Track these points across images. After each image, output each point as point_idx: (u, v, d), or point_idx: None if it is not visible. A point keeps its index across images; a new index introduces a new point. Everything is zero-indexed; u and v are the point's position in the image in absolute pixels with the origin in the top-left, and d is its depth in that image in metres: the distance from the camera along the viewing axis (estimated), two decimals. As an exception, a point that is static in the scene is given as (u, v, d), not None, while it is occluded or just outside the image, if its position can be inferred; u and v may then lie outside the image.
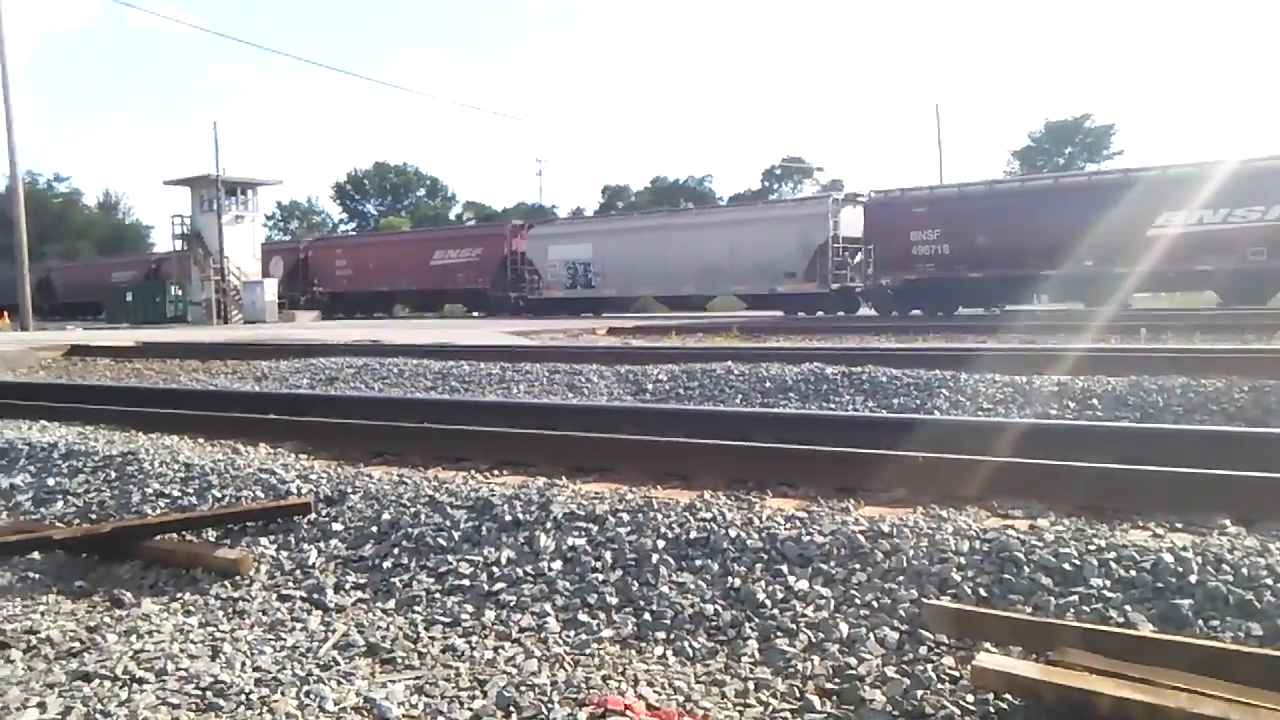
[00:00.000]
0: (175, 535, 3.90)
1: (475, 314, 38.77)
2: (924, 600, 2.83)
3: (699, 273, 31.57)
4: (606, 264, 32.96)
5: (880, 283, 27.22)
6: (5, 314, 32.51)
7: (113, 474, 4.90)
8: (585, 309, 33.87)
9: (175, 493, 4.53)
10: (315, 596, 3.33)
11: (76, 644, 2.96)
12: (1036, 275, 24.05)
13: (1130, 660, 2.28)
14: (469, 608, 3.13)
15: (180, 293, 36.59)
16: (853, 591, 2.96)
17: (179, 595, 3.44)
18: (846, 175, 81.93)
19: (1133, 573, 2.85)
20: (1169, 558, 2.87)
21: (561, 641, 2.88)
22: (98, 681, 2.66)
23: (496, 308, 36.67)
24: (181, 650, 2.88)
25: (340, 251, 44.84)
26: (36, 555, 3.86)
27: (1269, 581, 2.70)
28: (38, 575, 3.73)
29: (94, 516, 4.40)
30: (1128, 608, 2.69)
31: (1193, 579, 2.76)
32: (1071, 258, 22.74)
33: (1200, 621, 2.60)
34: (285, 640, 2.96)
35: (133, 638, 3.00)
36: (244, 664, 2.77)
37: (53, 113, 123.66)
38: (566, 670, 2.68)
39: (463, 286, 38.58)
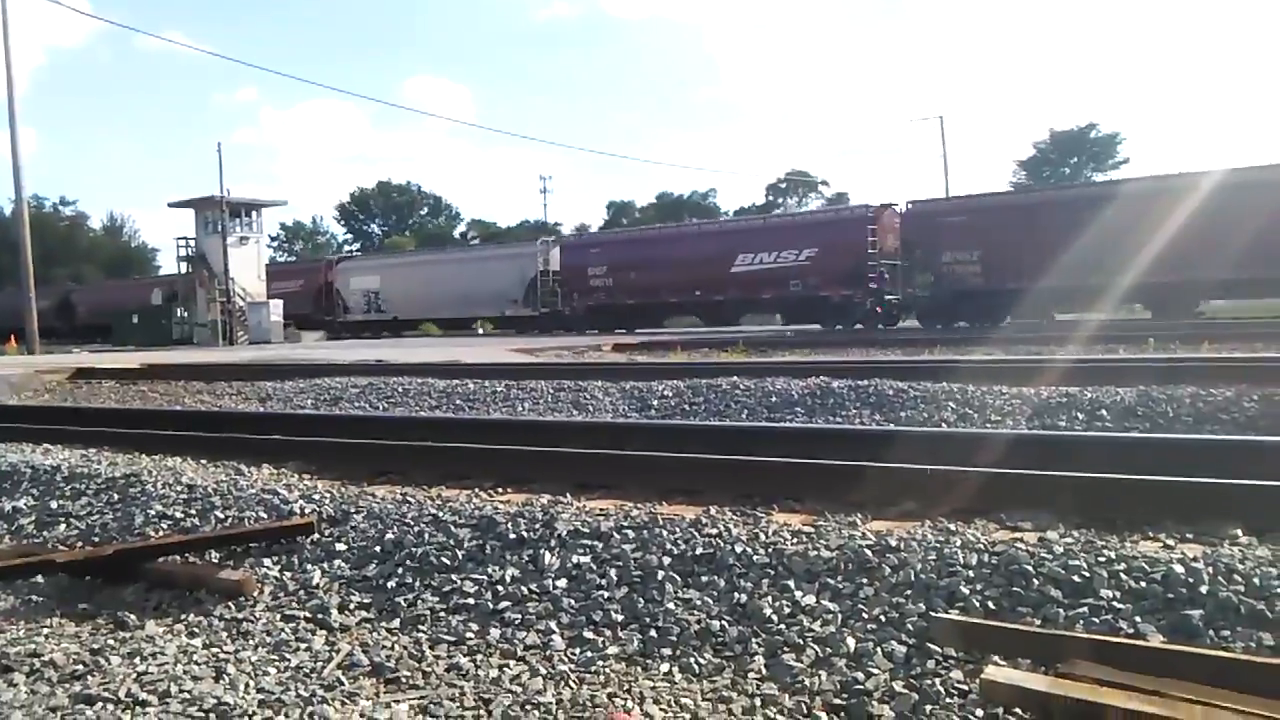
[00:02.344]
0: (178, 557, 3.89)
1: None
2: (932, 614, 2.80)
3: (455, 300, 37.95)
4: (392, 293, 38.02)
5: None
6: (14, 338, 32.59)
7: (115, 496, 4.90)
8: (378, 330, 40.47)
9: (178, 514, 4.52)
10: (319, 617, 3.31)
11: (80, 667, 2.94)
12: None
13: (1141, 672, 2.25)
14: (474, 626, 3.11)
15: (186, 314, 36.67)
16: (860, 606, 2.93)
17: (182, 617, 3.42)
18: (851, 188, 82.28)
19: (1143, 584, 2.82)
20: (1179, 568, 2.84)
21: (567, 659, 2.85)
22: (101, 704, 2.64)
23: (316, 329, 41.35)
24: (185, 672, 2.86)
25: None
26: (39, 579, 3.85)
27: (1281, 591, 2.67)
28: (41, 598, 3.72)
29: (97, 539, 4.39)
30: (1138, 619, 2.66)
31: (1204, 589, 2.73)
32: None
33: (1211, 632, 2.57)
34: (289, 661, 2.94)
35: (136, 660, 2.98)
36: (248, 685, 2.75)
37: (56, 134, 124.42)
38: (572, 688, 2.65)
39: (292, 311, 41.36)
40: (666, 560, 3.36)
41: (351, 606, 3.39)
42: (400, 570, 3.61)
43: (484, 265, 38.78)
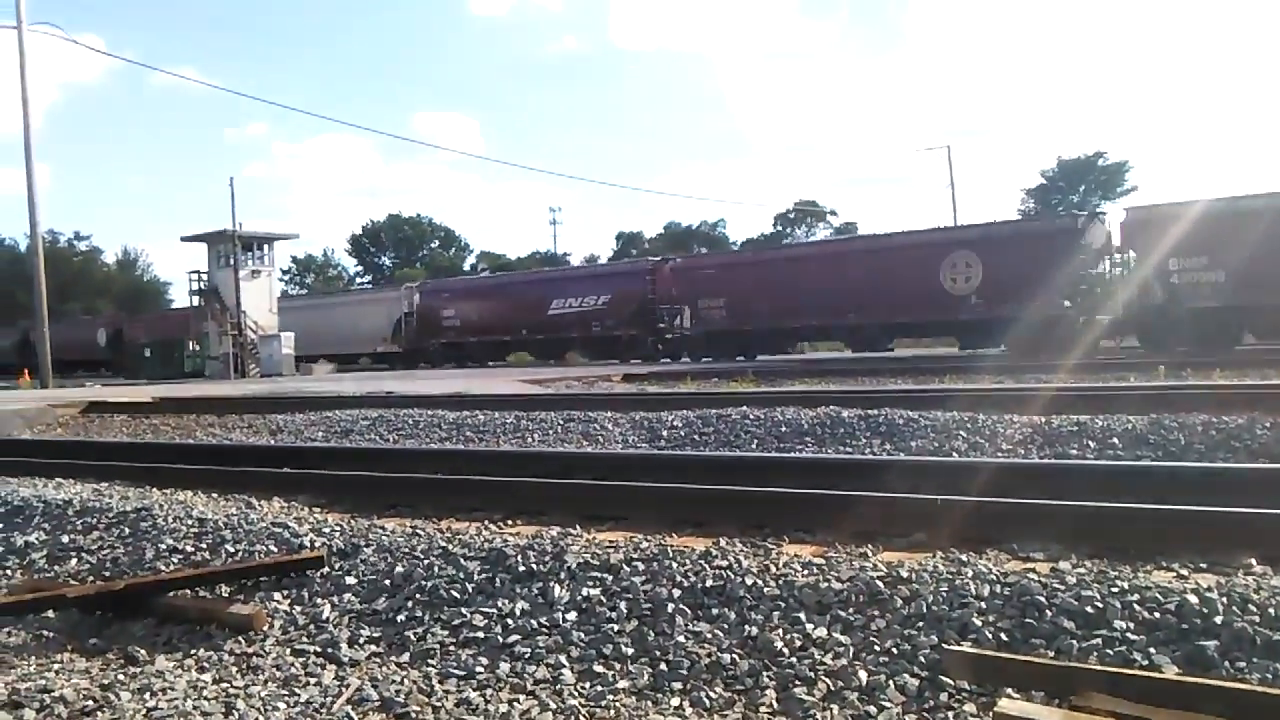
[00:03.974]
0: (189, 591, 3.89)
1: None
2: (944, 646, 2.78)
3: (343, 338, 41.42)
4: (296, 331, 38.62)
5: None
6: (26, 372, 32.74)
7: (126, 530, 4.90)
8: None
9: (189, 548, 4.53)
10: (329, 651, 3.30)
11: (90, 702, 2.93)
12: None
13: (1155, 705, 2.23)
14: (483, 660, 3.10)
15: (198, 347, 36.83)
16: (872, 638, 2.91)
17: (193, 652, 3.41)
18: (860, 217, 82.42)
19: (1157, 614, 2.80)
20: (1193, 599, 2.82)
21: (577, 693, 2.84)
22: (110, 741, 2.64)
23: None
24: (195, 707, 2.85)
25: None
26: (50, 613, 3.85)
27: (1296, 622, 2.65)
28: (51, 634, 3.72)
29: (108, 573, 4.39)
30: (1152, 650, 2.64)
31: (1218, 620, 2.71)
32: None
33: (1227, 663, 2.55)
34: (299, 696, 2.93)
35: (146, 695, 2.98)
36: (257, 720, 2.74)
37: (71, 169, 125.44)
38: (582, 723, 2.64)
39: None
40: (677, 593, 3.34)
41: (361, 640, 3.38)
42: (410, 604, 3.60)
43: (362, 308, 43.24)
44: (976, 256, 26.12)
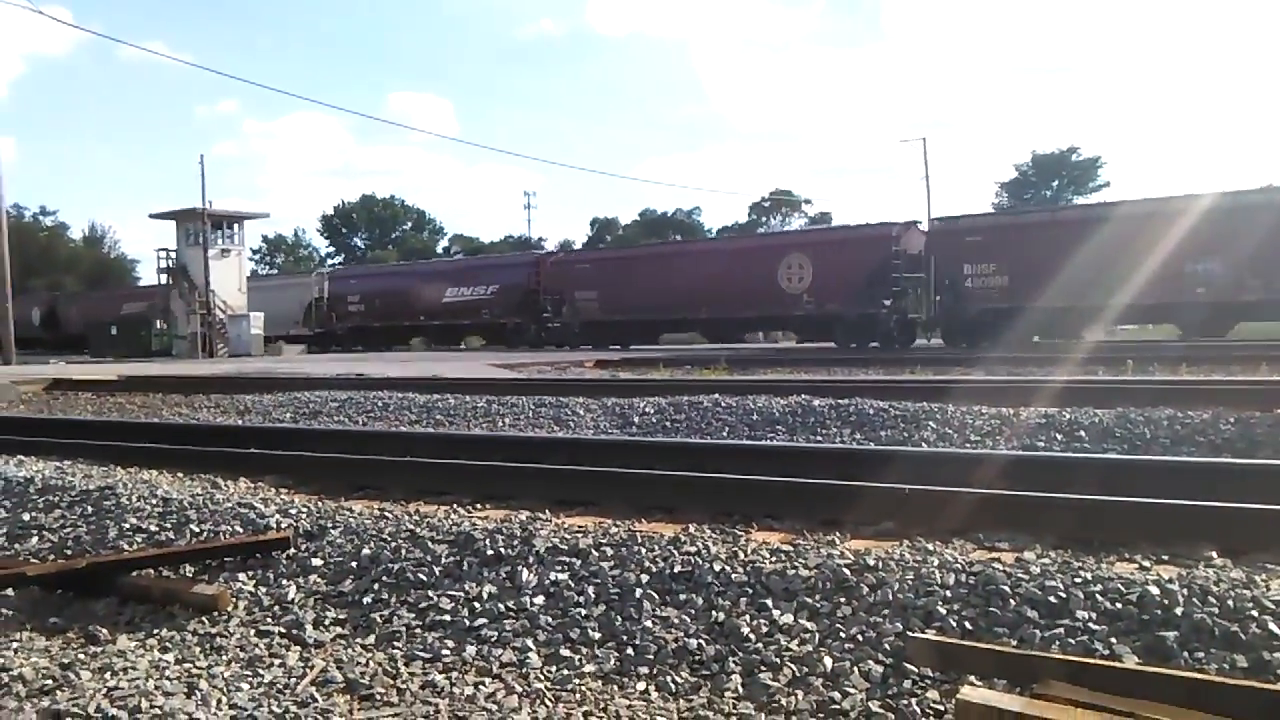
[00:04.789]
0: (152, 571, 3.85)
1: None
2: (909, 634, 2.80)
3: (273, 320, 39.85)
4: None
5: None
6: None
7: (90, 509, 4.84)
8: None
9: (153, 528, 4.48)
10: (294, 632, 3.28)
11: (49, 682, 2.90)
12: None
13: (1115, 693, 2.26)
14: (449, 643, 3.09)
15: (165, 326, 36.40)
16: (837, 625, 2.93)
17: (155, 632, 3.38)
18: (836, 207, 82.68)
19: (1118, 605, 2.83)
20: (1155, 590, 2.85)
21: (543, 677, 2.84)
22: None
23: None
24: (156, 687, 2.82)
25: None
26: (10, 592, 3.80)
27: (1254, 613, 2.69)
28: (11, 612, 3.67)
29: (70, 552, 4.34)
30: (1113, 640, 2.67)
31: (1179, 611, 2.75)
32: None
33: (1186, 654, 2.58)
34: (263, 677, 2.91)
35: (107, 675, 2.94)
36: (220, 701, 2.72)
37: (37, 143, 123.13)
38: (547, 706, 2.64)
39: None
40: (645, 578, 3.35)
41: (326, 622, 3.36)
42: (376, 586, 3.58)
43: (280, 292, 43.95)
44: (808, 259, 28.71)
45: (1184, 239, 21.22)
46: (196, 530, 4.39)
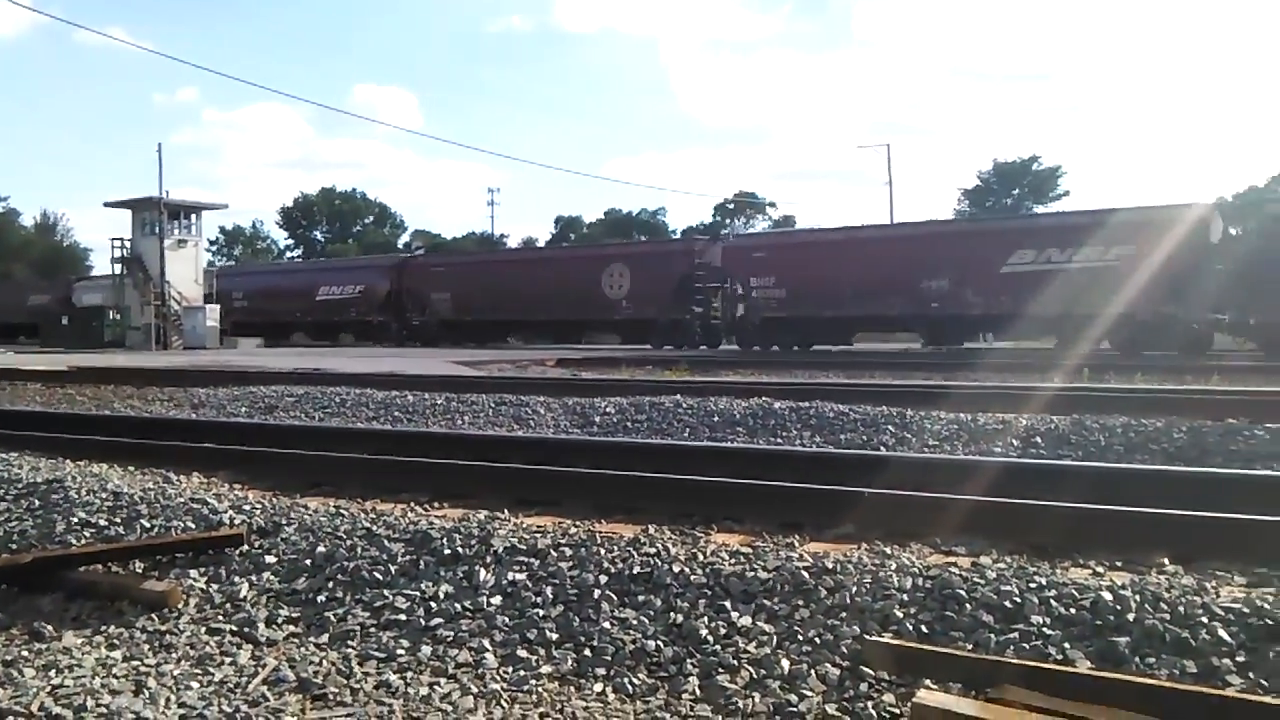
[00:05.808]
0: (100, 566, 3.77)
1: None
2: (866, 637, 2.81)
3: None
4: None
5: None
6: None
7: (36, 502, 4.74)
8: None
9: (102, 522, 4.39)
10: (246, 630, 3.22)
11: (-10, 679, 2.83)
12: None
13: (1069, 698, 2.28)
14: (404, 643, 3.05)
15: (119, 317, 35.78)
16: (795, 628, 2.93)
17: (103, 628, 3.31)
18: (799, 211, 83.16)
19: (1072, 610, 2.86)
20: (1108, 596, 2.89)
21: (499, 678, 2.81)
22: (12, 718, 2.54)
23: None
24: (103, 685, 2.76)
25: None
26: (-48, 586, 3.70)
27: (1204, 620, 2.73)
28: (-48, 607, 3.58)
29: (14, 546, 4.24)
30: (1067, 645, 2.70)
31: (1131, 617, 2.78)
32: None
33: (1137, 659, 2.62)
34: (213, 675, 2.86)
35: (51, 672, 2.88)
36: (169, 700, 2.66)
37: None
38: (503, 708, 2.61)
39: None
40: (604, 579, 3.33)
41: (279, 620, 3.31)
42: (331, 584, 3.53)
43: None
44: (627, 269, 31.97)
45: (917, 260, 25.00)
46: (147, 525, 4.31)
